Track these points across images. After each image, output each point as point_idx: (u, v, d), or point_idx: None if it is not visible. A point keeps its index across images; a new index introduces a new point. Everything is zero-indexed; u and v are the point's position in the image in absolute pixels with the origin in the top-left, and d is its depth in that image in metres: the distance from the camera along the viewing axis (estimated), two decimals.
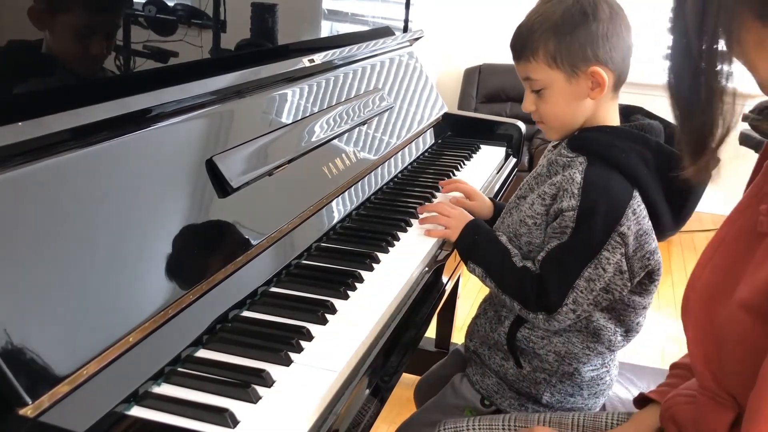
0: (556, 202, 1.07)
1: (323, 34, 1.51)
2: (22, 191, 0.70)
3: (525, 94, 1.14)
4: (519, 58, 1.11)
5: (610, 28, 1.05)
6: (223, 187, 0.96)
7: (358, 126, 1.42)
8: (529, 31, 1.08)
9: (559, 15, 1.05)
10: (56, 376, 0.65)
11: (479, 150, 1.85)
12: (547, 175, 1.13)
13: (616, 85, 1.10)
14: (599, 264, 1.04)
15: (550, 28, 1.05)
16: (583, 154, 1.08)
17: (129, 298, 0.76)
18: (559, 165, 1.11)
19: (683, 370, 0.98)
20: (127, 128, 0.85)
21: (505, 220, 1.20)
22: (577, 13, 1.04)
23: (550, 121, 1.13)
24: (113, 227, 0.78)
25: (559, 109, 1.10)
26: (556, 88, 1.08)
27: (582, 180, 1.05)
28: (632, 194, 1.05)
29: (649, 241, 1.09)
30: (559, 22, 1.05)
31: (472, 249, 1.16)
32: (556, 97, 1.09)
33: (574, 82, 1.07)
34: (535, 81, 1.09)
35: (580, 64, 1.05)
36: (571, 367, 1.15)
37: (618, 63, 1.07)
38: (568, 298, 1.05)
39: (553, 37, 1.05)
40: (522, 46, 1.09)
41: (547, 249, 1.08)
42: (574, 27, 1.04)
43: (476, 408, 1.23)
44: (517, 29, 1.11)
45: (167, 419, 0.71)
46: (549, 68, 1.07)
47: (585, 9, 1.04)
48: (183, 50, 1.02)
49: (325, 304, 0.95)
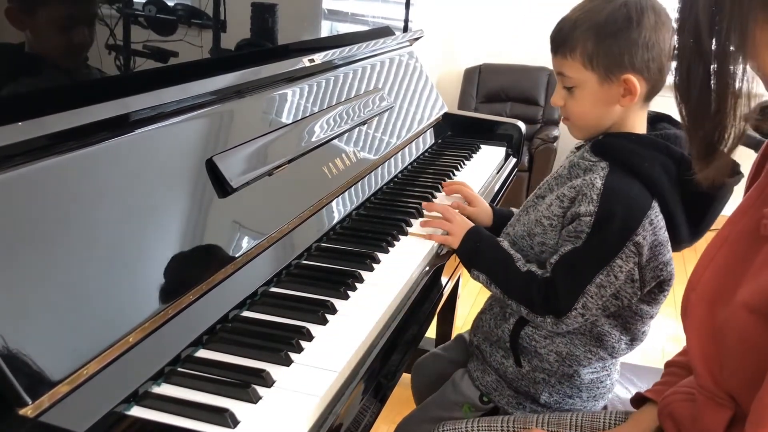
0: (573, 206, 1.07)
1: (323, 34, 1.51)
2: (22, 191, 0.70)
3: (556, 88, 1.12)
4: (556, 51, 1.09)
5: (652, 38, 1.03)
6: (223, 187, 0.96)
7: (358, 126, 1.42)
8: (571, 27, 1.06)
9: (603, 16, 1.03)
10: (56, 376, 0.65)
11: (479, 150, 1.85)
12: (568, 177, 1.13)
13: (649, 95, 1.08)
14: (611, 271, 1.03)
15: (592, 28, 1.04)
16: (605, 159, 1.08)
17: (129, 298, 0.76)
18: (581, 168, 1.11)
19: (678, 368, 0.98)
20: (127, 128, 0.85)
21: (521, 218, 1.19)
22: (621, 17, 1.03)
23: (576, 120, 1.12)
24: (113, 227, 0.78)
25: (587, 109, 1.09)
26: (588, 88, 1.07)
27: (602, 186, 1.04)
28: (651, 204, 1.04)
29: (664, 252, 1.08)
30: (602, 23, 1.03)
31: (474, 256, 1.16)
32: (587, 97, 1.08)
33: (606, 86, 1.06)
34: (569, 78, 1.08)
35: (615, 69, 1.04)
36: (571, 368, 1.15)
37: (654, 73, 1.05)
38: (578, 303, 1.05)
39: (593, 38, 1.04)
40: (561, 41, 1.07)
41: (560, 252, 1.07)
42: (616, 31, 1.03)
43: (474, 404, 1.23)
44: (560, 23, 1.09)
45: (167, 419, 0.71)
46: (584, 68, 1.06)
47: (630, 14, 1.02)
48: (183, 50, 1.02)
49: (325, 304, 0.95)
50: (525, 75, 3.98)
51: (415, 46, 1.97)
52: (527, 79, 3.97)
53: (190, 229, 0.89)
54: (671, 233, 1.09)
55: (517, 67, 4.03)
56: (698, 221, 1.09)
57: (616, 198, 1.03)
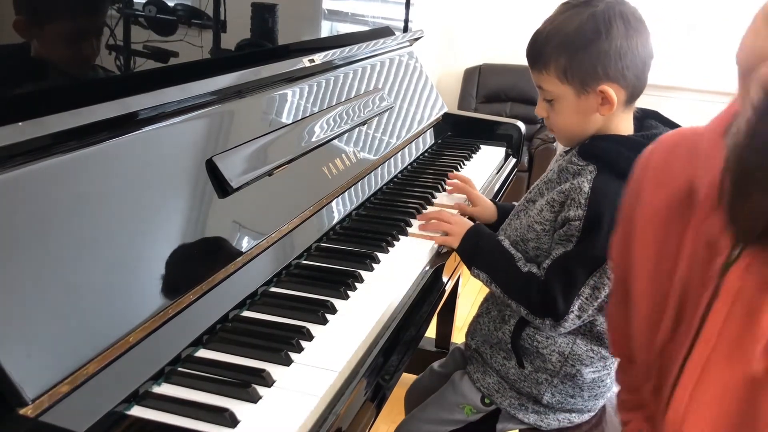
0: (563, 210, 1.07)
1: (323, 34, 1.51)
2: (23, 191, 0.70)
3: (538, 100, 1.14)
4: (533, 66, 1.11)
5: (624, 46, 1.02)
6: (223, 187, 0.96)
7: (358, 126, 1.42)
8: (543, 43, 1.07)
9: (572, 29, 1.04)
10: (56, 375, 0.65)
11: (479, 150, 1.85)
12: (557, 181, 1.13)
13: (630, 99, 1.08)
14: (604, 273, 1.04)
15: (562, 43, 1.04)
16: (593, 162, 1.08)
17: (129, 298, 0.76)
18: (570, 173, 1.11)
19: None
20: (127, 128, 0.85)
21: (512, 222, 1.20)
22: (590, 30, 1.03)
23: (559, 131, 1.14)
24: (113, 227, 0.78)
25: (569, 120, 1.10)
26: (566, 101, 1.08)
27: (589, 190, 1.04)
28: None
29: None
30: (571, 37, 1.04)
31: (474, 254, 1.16)
32: (566, 109, 1.09)
33: (583, 98, 1.06)
34: (547, 92, 1.09)
35: (590, 81, 1.04)
36: (573, 368, 1.15)
37: (631, 80, 1.05)
38: (574, 306, 1.05)
39: (564, 53, 1.04)
40: (535, 57, 1.09)
41: (552, 256, 1.08)
42: (585, 44, 1.03)
43: (476, 406, 1.23)
44: (533, 37, 1.10)
45: (167, 419, 0.71)
46: (560, 82, 1.06)
47: (598, 26, 1.02)
48: (183, 50, 1.02)
49: (325, 304, 0.95)
50: (525, 75, 3.93)
51: (415, 46, 1.97)
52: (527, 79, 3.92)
53: (191, 229, 0.89)
54: None
55: (517, 67, 4.03)
56: None
57: (604, 201, 1.03)
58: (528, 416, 1.19)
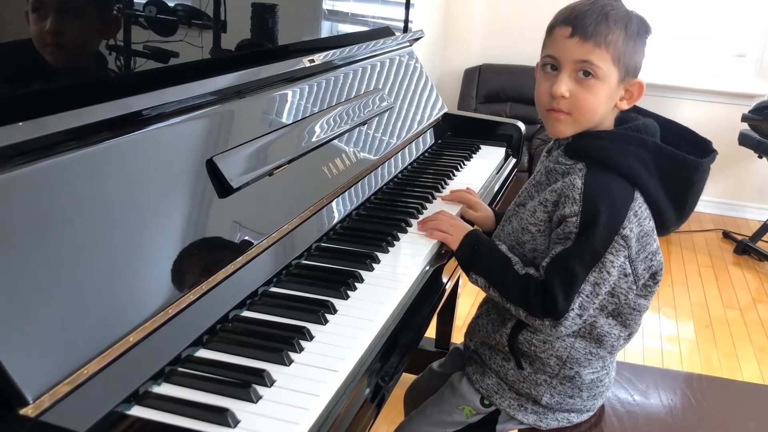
0: (558, 209, 1.07)
1: (323, 34, 1.51)
2: (23, 191, 0.70)
3: (560, 77, 1.05)
4: (586, 37, 1.02)
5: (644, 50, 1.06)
6: (223, 187, 0.96)
7: (358, 126, 1.42)
8: (605, 17, 1.02)
9: (630, 17, 1.04)
10: (57, 375, 0.65)
11: (479, 150, 1.86)
12: (547, 183, 1.13)
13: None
14: (603, 267, 1.04)
15: (625, 27, 1.03)
16: (581, 160, 1.08)
17: (129, 297, 0.76)
18: (559, 173, 1.11)
19: None
20: (127, 128, 0.85)
21: (505, 227, 1.20)
22: (640, 22, 1.05)
23: (581, 112, 1.07)
24: (113, 227, 0.78)
25: (600, 103, 1.06)
26: (607, 84, 1.05)
27: (583, 185, 1.04)
28: (633, 196, 1.05)
29: (651, 242, 1.09)
30: (630, 23, 1.04)
31: (472, 259, 1.15)
32: (603, 92, 1.06)
33: (620, 86, 1.07)
34: (596, 67, 1.03)
35: (631, 72, 1.06)
36: (572, 370, 1.15)
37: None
38: (575, 304, 1.04)
39: (623, 36, 1.03)
40: (595, 28, 1.02)
41: (551, 255, 1.07)
42: (638, 34, 1.04)
43: (475, 407, 1.23)
44: (592, 6, 1.03)
45: (167, 419, 0.71)
46: (612, 63, 1.04)
47: (640, 24, 1.05)
48: (183, 50, 1.02)
49: (325, 304, 0.95)
50: (525, 75, 3.98)
51: (415, 47, 1.97)
52: (527, 79, 3.97)
53: (191, 229, 0.89)
54: (658, 219, 1.10)
55: (517, 67, 4.03)
56: (682, 204, 1.11)
57: (598, 195, 1.03)
58: (527, 417, 1.19)
